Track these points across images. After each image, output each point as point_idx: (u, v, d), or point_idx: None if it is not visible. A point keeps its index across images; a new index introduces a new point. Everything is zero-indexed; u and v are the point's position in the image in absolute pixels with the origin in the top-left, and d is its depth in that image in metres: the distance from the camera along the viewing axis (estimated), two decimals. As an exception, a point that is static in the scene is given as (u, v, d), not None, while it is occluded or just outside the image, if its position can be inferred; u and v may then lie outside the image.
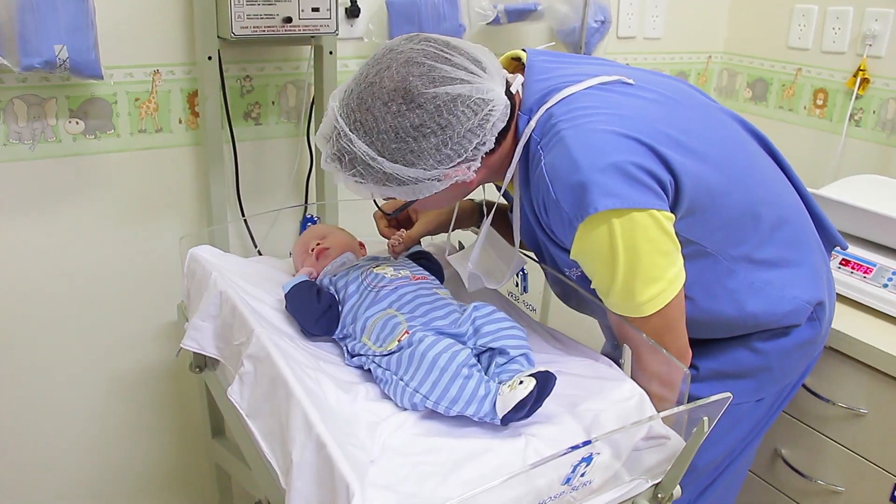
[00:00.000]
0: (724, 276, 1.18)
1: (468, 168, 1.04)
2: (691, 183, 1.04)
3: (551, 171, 1.02)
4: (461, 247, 1.58)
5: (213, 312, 1.19)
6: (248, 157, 1.76)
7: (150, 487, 1.92)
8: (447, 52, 1.02)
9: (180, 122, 1.67)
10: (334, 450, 0.84)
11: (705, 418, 0.98)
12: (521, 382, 0.97)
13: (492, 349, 1.07)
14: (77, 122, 1.56)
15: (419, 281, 1.21)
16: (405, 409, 1.05)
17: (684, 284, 1.08)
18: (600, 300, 1.13)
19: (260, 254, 1.77)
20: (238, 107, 1.72)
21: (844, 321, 1.53)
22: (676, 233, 1.05)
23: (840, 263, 1.65)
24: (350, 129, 1.02)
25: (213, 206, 1.63)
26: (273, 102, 1.76)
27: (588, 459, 0.90)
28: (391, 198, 1.14)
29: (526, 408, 0.97)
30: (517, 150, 1.10)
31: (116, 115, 1.59)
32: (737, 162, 1.16)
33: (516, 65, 1.22)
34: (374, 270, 1.23)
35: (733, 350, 1.30)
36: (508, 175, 1.12)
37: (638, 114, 1.06)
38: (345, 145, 1.02)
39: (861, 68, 2.13)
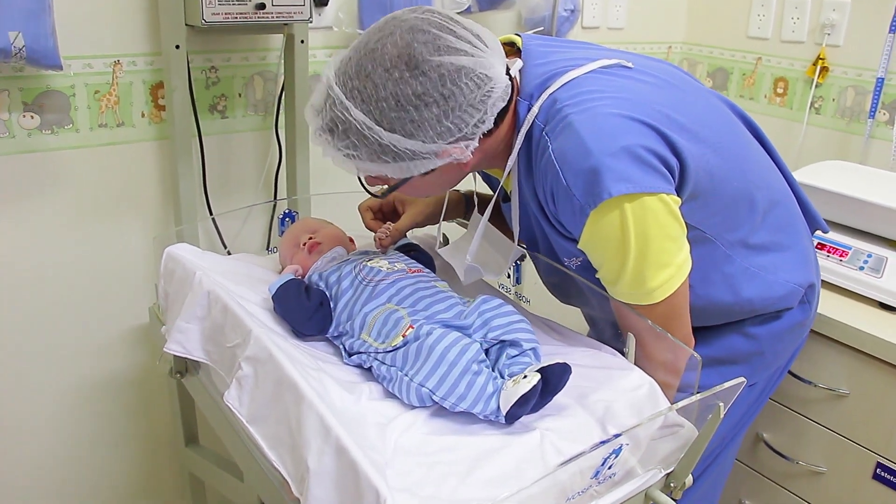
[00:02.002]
0: (722, 262, 1.18)
1: (466, 147, 1.01)
2: (695, 166, 1.04)
3: (560, 156, 1.00)
4: (446, 240, 1.54)
5: (199, 314, 1.12)
6: (215, 152, 1.69)
7: (119, 498, 1.84)
8: (451, 24, 1.00)
9: (143, 115, 1.59)
10: (357, 454, 0.79)
11: (720, 404, 0.97)
12: (524, 377, 0.94)
13: (503, 342, 1.04)
14: (32, 117, 1.46)
15: (416, 274, 1.16)
16: (412, 408, 1.01)
17: None
18: (603, 289, 1.11)
19: (229, 253, 1.69)
20: (203, 99, 1.65)
21: (824, 304, 1.54)
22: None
23: (816, 247, 1.66)
24: (346, 97, 0.97)
25: (182, 203, 1.55)
26: (240, 94, 1.70)
27: (618, 451, 0.87)
28: (378, 180, 1.09)
29: (530, 403, 0.95)
30: (519, 136, 1.07)
31: (75, 109, 1.50)
32: (733, 146, 1.16)
33: (510, 50, 1.18)
34: (369, 264, 1.18)
35: (727, 336, 1.30)
36: (510, 162, 1.09)
37: (643, 97, 1.05)
38: (339, 114, 0.98)
39: (820, 57, 2.17)
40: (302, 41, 1.60)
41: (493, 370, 1.04)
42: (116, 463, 1.80)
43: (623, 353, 1.16)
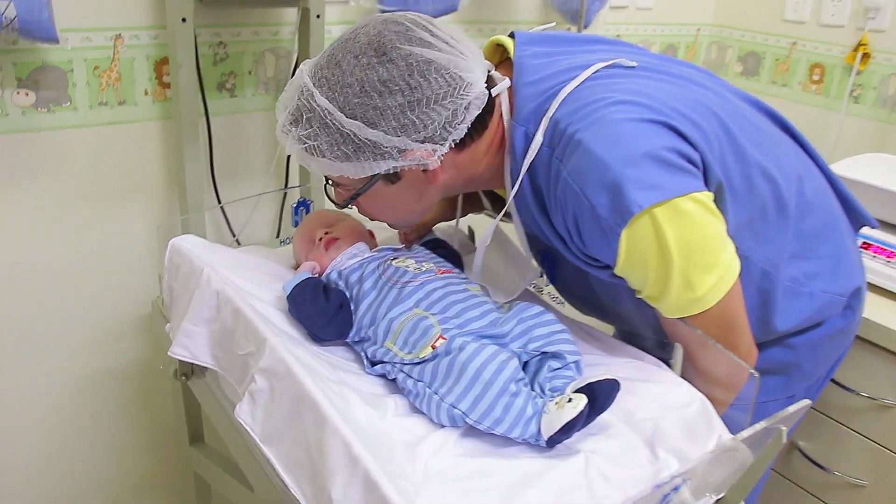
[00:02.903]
0: (758, 278, 1.08)
1: (433, 151, 0.95)
2: (713, 166, 0.95)
3: (578, 178, 0.91)
4: (471, 235, 1.44)
5: (207, 316, 1.02)
6: (223, 133, 1.59)
7: (120, 497, 1.76)
8: (430, 25, 0.97)
9: (146, 93, 1.49)
10: (389, 490, 0.70)
11: (783, 429, 0.88)
12: (569, 400, 0.86)
13: (544, 353, 0.96)
14: (27, 94, 1.36)
15: (446, 275, 1.06)
16: (442, 426, 0.91)
17: None
18: (636, 300, 1.02)
19: (238, 244, 1.59)
20: (211, 77, 1.55)
21: (869, 308, 1.44)
22: None
23: (861, 247, 1.56)
24: (314, 85, 0.95)
25: (188, 189, 1.45)
26: (250, 72, 1.59)
27: (678, 488, 0.78)
28: (343, 190, 1.03)
29: (575, 428, 0.86)
30: (525, 163, 0.99)
31: (73, 86, 1.40)
32: (755, 143, 1.05)
33: (501, 52, 1.10)
34: (394, 263, 1.07)
35: (760, 345, 1.20)
36: (512, 188, 1.01)
37: (648, 95, 0.96)
38: (305, 102, 0.95)
39: (862, 42, 2.05)
40: (318, 16, 1.50)
41: (532, 384, 0.95)
42: (118, 459, 1.72)
43: (668, 365, 1.06)
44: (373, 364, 1.01)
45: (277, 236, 1.70)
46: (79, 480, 1.68)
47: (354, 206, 1.07)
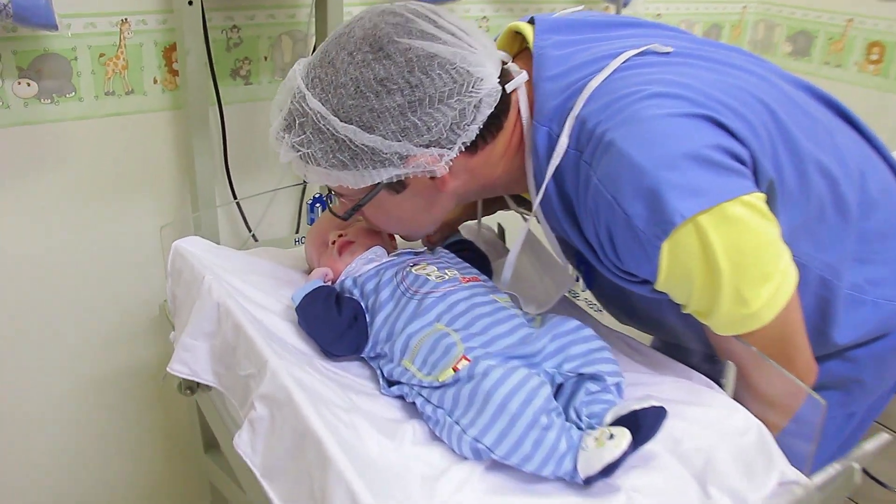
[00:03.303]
0: (816, 286, 0.96)
1: (440, 157, 0.86)
2: (764, 164, 0.84)
3: (610, 184, 0.80)
4: (501, 233, 1.33)
5: (208, 329, 0.93)
6: (237, 123, 1.51)
7: (132, 500, 1.70)
8: (433, 14, 0.88)
9: (155, 81, 1.40)
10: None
11: (856, 467, 0.78)
12: (610, 436, 0.75)
13: (582, 374, 0.85)
14: (29, 84, 1.29)
15: (471, 284, 0.96)
16: (465, 458, 0.81)
17: None
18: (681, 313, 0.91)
19: (255, 240, 1.50)
20: (224, 63, 1.46)
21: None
22: None
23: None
24: (307, 86, 0.87)
25: (198, 183, 1.36)
26: (265, 58, 1.50)
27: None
28: (341, 193, 0.95)
29: (617, 468, 0.76)
30: (549, 168, 0.88)
31: (77, 75, 1.33)
32: (811, 140, 0.93)
33: (521, 41, 0.99)
34: (413, 271, 0.97)
35: (818, 358, 1.08)
36: (537, 196, 0.91)
37: (686, 84, 0.84)
38: (297, 106, 0.87)
39: (927, 18, 1.90)
40: (337, -3, 1.39)
41: (567, 408, 0.85)
42: (131, 464, 1.67)
43: (719, 384, 0.95)
44: (389, 384, 0.91)
45: (297, 231, 1.61)
46: (91, 484, 1.63)
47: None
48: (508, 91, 0.90)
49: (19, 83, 1.27)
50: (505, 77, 0.90)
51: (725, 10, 2.24)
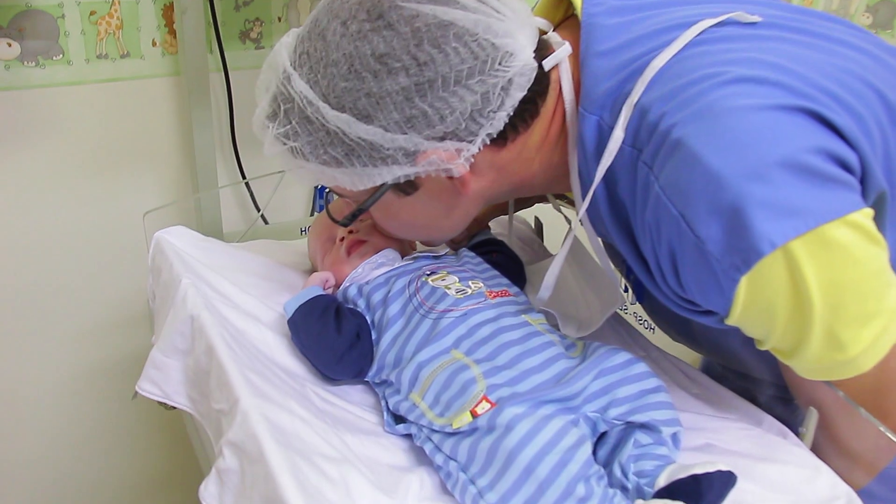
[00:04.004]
0: None
1: (458, 152, 0.70)
2: (877, 167, 0.66)
3: (678, 196, 0.63)
4: (538, 228, 1.15)
5: (181, 346, 0.79)
6: (246, 92, 1.35)
7: (133, 491, 1.61)
8: None
9: (154, 43, 1.26)
10: None
11: None
12: None
13: (630, 423, 0.70)
14: (10, 44, 1.16)
15: (500, 300, 0.79)
16: (482, 521, 0.66)
17: None
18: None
19: (266, 221, 1.36)
20: (232, 24, 1.31)
21: None
22: None
23: None
24: (293, 65, 0.72)
25: (197, 158, 1.22)
26: (279, 18, 1.35)
27: None
28: (341, 193, 0.81)
29: None
30: (599, 170, 0.71)
31: (65, 35, 1.19)
32: None
33: (566, 9, 0.81)
34: (430, 282, 0.81)
35: None
36: (583, 204, 0.74)
37: (780, 65, 0.66)
38: (282, 89, 0.73)
39: None
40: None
41: (611, 462, 0.69)
42: (128, 454, 1.57)
43: (797, 433, 0.78)
44: (396, 420, 0.75)
45: (311, 214, 1.46)
46: (90, 474, 1.55)
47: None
48: (547, 68, 0.73)
49: None
50: (543, 51, 0.73)
51: (796, -26, 2.02)
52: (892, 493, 0.73)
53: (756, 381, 0.94)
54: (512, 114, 0.70)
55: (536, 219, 1.15)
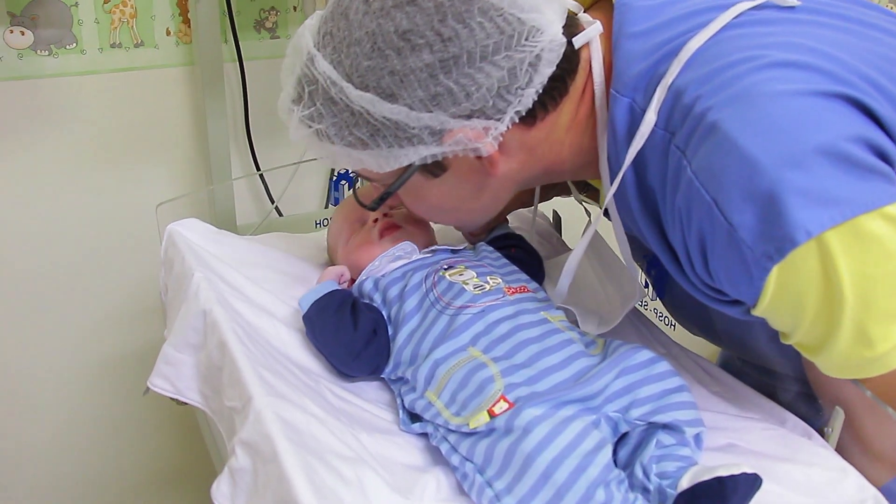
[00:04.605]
0: None
1: (485, 131, 0.69)
2: None
3: (711, 181, 0.62)
4: (556, 222, 1.13)
5: (193, 341, 0.78)
6: (261, 83, 1.34)
7: (144, 486, 1.61)
8: None
9: (169, 33, 1.26)
10: None
11: None
12: None
13: (653, 423, 0.68)
14: (23, 33, 1.16)
15: (518, 296, 0.78)
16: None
17: None
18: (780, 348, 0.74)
19: (280, 213, 1.34)
20: (247, 13, 1.30)
21: None
22: None
23: None
24: (317, 46, 0.72)
25: (210, 150, 1.22)
26: (295, 8, 1.34)
27: None
28: (368, 177, 0.80)
29: None
30: (630, 152, 0.69)
31: (79, 23, 1.19)
32: None
33: None
34: (448, 276, 0.79)
35: None
36: (611, 189, 0.72)
37: (820, 51, 0.65)
38: (306, 70, 0.72)
39: None
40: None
41: (632, 462, 0.68)
42: (140, 449, 1.57)
43: (822, 433, 0.76)
44: (412, 418, 0.74)
45: (326, 207, 1.45)
46: (100, 467, 1.55)
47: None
48: (577, 46, 0.71)
49: (12, 31, 1.15)
50: (572, 28, 0.71)
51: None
52: None
53: (778, 377, 0.92)
54: (541, 91, 0.69)
55: (555, 212, 1.14)
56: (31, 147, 1.23)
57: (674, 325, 0.95)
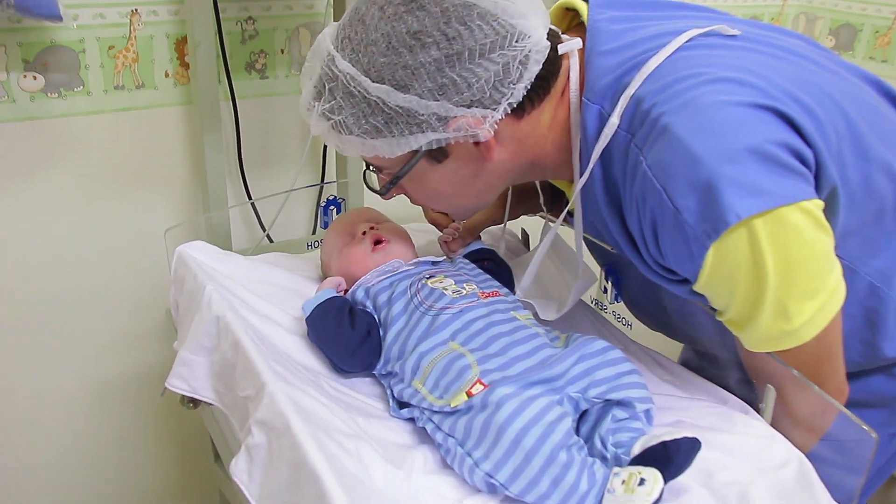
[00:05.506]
0: (865, 296, 0.90)
1: (483, 118, 0.79)
2: (829, 164, 0.77)
3: (661, 173, 0.74)
4: (525, 239, 1.26)
5: (207, 344, 0.88)
6: (252, 119, 1.44)
7: None
8: None
9: (167, 75, 1.34)
10: None
11: None
12: (641, 482, 0.69)
13: (608, 400, 0.79)
14: (35, 77, 1.24)
15: (491, 299, 0.89)
16: (478, 490, 0.75)
17: None
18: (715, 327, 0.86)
19: (270, 240, 1.45)
20: (238, 56, 1.40)
21: None
22: None
23: None
24: (336, 48, 0.81)
25: (209, 180, 1.31)
26: (282, 51, 1.44)
27: None
28: (379, 167, 0.88)
29: None
30: (595, 150, 0.81)
31: (85, 68, 1.27)
32: (880, 140, 0.86)
33: (572, 18, 0.92)
34: (429, 283, 0.91)
35: (864, 373, 1.01)
36: (580, 179, 0.83)
37: (755, 71, 0.77)
38: (327, 70, 0.82)
39: (982, 10, 1.78)
40: (354, -13, 1.32)
41: (592, 436, 0.79)
42: (139, 470, 1.62)
43: (757, 409, 0.88)
44: (400, 406, 0.85)
45: (314, 232, 1.55)
46: (100, 490, 1.59)
47: (400, 195, 0.92)
48: (560, 53, 0.83)
49: (25, 76, 1.22)
50: (555, 39, 0.83)
51: (765, 1, 2.14)
52: (834, 454, 0.82)
53: (726, 368, 1.04)
54: (529, 87, 0.80)
55: (523, 230, 1.26)
56: (43, 180, 1.30)
57: (630, 325, 1.07)
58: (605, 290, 1.06)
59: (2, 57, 1.19)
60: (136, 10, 1.27)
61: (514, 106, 0.80)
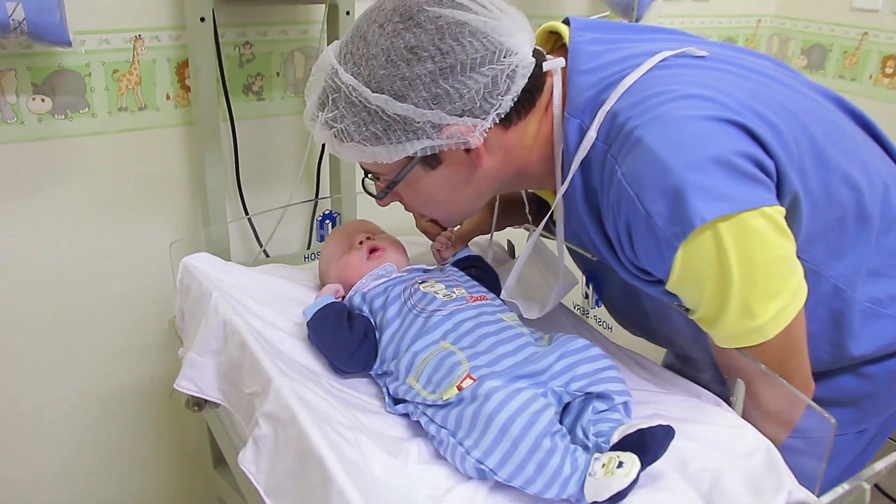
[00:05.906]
0: (830, 298, 0.96)
1: (474, 126, 0.85)
2: (791, 173, 0.84)
3: (634, 181, 0.80)
4: (511, 249, 1.33)
5: (214, 346, 0.94)
6: (249, 139, 1.51)
7: None
8: None
9: (168, 97, 1.41)
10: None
11: (866, 486, 0.78)
12: (619, 465, 0.75)
13: (589, 393, 0.85)
14: (43, 100, 1.30)
15: (479, 302, 0.95)
16: (469, 477, 0.81)
17: None
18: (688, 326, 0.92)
19: (267, 255, 1.51)
20: (236, 79, 1.46)
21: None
22: None
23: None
24: (339, 62, 0.88)
25: (209, 197, 1.37)
26: (278, 73, 1.51)
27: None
28: (376, 174, 0.94)
29: (625, 496, 0.76)
30: (575, 161, 0.88)
31: (91, 91, 1.33)
32: (838, 147, 0.93)
33: (555, 40, 0.99)
34: (421, 288, 0.97)
35: (833, 373, 1.07)
36: (562, 187, 0.90)
37: (720, 89, 0.84)
38: (330, 82, 0.88)
39: (943, 32, 1.88)
40: (347, 12, 1.40)
41: (574, 427, 0.85)
42: (139, 478, 1.66)
43: (729, 402, 0.94)
44: (395, 402, 0.91)
45: (308, 247, 1.61)
46: (101, 499, 1.62)
47: (394, 202, 0.98)
48: (545, 70, 0.89)
49: (34, 99, 1.28)
50: (540, 56, 0.90)
51: (739, 23, 2.23)
52: (806, 446, 0.88)
53: (702, 369, 1.10)
54: (515, 100, 0.86)
55: (509, 241, 1.32)
56: (50, 198, 1.35)
57: (611, 328, 1.13)
58: (587, 296, 1.12)
59: (12, 81, 1.25)
60: (139, 35, 1.34)
61: (503, 116, 0.87)
